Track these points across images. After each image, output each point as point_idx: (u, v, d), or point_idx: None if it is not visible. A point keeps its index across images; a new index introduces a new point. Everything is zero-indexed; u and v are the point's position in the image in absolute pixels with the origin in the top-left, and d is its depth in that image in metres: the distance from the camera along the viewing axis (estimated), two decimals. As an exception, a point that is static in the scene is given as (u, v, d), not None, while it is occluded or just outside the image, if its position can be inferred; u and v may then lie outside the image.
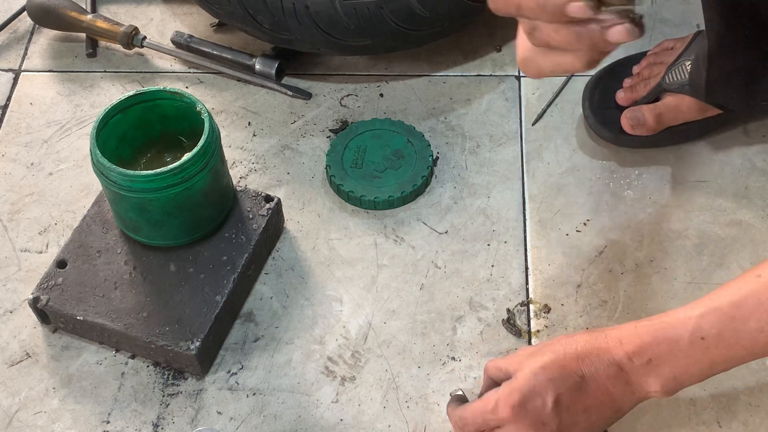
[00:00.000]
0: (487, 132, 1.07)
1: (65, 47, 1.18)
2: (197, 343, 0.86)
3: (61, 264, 0.91)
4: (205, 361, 0.89)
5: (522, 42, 0.68)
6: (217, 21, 1.18)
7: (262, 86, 1.13)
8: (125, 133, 0.91)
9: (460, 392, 0.82)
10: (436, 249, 0.98)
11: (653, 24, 1.17)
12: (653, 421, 0.85)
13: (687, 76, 0.99)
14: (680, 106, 1.01)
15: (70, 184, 1.04)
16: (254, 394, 0.88)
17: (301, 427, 0.86)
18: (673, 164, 1.04)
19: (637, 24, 0.61)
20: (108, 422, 0.87)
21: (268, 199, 0.96)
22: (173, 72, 1.15)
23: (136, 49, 1.16)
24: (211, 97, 1.12)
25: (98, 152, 0.85)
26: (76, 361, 0.90)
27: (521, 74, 1.13)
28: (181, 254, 0.91)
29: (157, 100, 0.91)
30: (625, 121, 1.02)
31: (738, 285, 0.69)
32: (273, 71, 1.11)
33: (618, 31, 0.61)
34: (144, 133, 0.92)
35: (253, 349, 0.91)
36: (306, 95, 1.12)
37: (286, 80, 1.13)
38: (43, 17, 1.16)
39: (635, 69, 1.06)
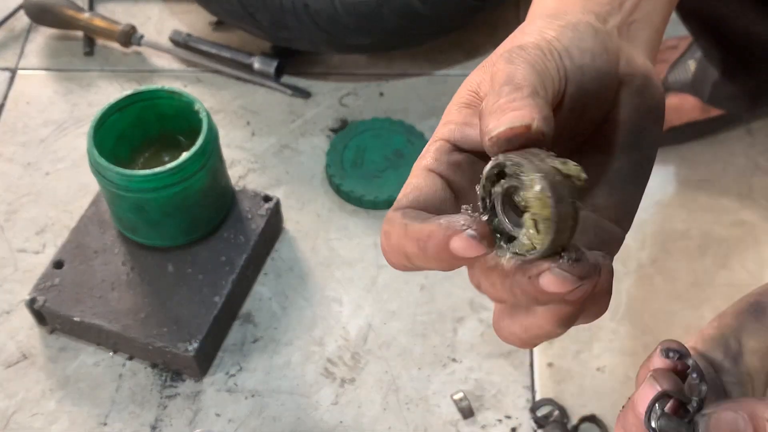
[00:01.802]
0: (488, 131, 1.07)
1: (62, 46, 1.17)
2: (195, 345, 0.85)
3: (58, 264, 0.90)
4: (204, 362, 0.88)
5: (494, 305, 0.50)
6: (215, 19, 1.17)
7: (261, 85, 1.12)
8: (123, 133, 0.90)
9: None
10: (437, 249, 0.97)
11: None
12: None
13: (690, 75, 0.98)
14: (683, 106, 1.00)
15: (68, 184, 1.03)
16: (253, 396, 0.87)
17: (300, 429, 0.85)
18: (676, 164, 1.03)
19: (577, 262, 0.39)
20: (105, 424, 0.86)
21: (267, 199, 0.95)
22: (171, 71, 1.14)
23: (134, 48, 1.15)
24: (210, 96, 1.11)
25: (95, 152, 0.84)
26: (74, 363, 0.90)
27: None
28: (180, 255, 0.91)
29: (155, 99, 0.90)
30: None
31: None
32: (272, 70, 1.11)
33: (550, 281, 0.39)
34: (142, 133, 0.92)
35: (251, 351, 0.90)
36: (305, 94, 1.11)
37: (285, 79, 1.13)
38: (40, 15, 1.15)
39: (637, 68, 1.05)
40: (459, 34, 1.14)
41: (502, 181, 0.40)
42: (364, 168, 1.02)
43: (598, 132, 0.46)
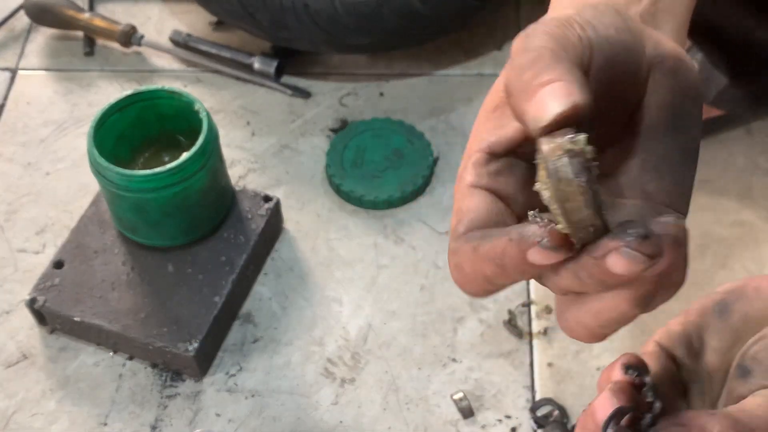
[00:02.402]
0: (488, 131, 1.07)
1: (62, 46, 1.17)
2: (195, 345, 0.85)
3: (58, 264, 0.90)
4: (204, 362, 0.88)
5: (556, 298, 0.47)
6: (215, 19, 1.17)
7: (261, 85, 1.12)
8: (123, 133, 0.90)
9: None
10: (437, 249, 0.97)
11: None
12: (656, 423, 0.85)
13: None
14: None
15: (68, 184, 1.03)
16: (253, 396, 0.87)
17: (300, 429, 0.85)
18: (676, 164, 1.03)
19: (644, 239, 0.38)
20: (105, 424, 0.86)
21: (267, 199, 0.95)
22: (171, 71, 1.14)
23: (134, 48, 1.15)
24: (210, 96, 1.11)
25: (95, 152, 0.84)
26: (74, 363, 0.90)
27: None
28: (180, 255, 0.91)
29: (155, 99, 0.90)
30: None
31: None
32: (272, 70, 1.11)
33: (617, 262, 0.38)
34: (142, 133, 0.92)
35: (251, 351, 0.90)
36: (305, 94, 1.11)
37: (285, 79, 1.13)
38: (40, 15, 1.15)
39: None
40: (459, 34, 1.13)
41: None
42: (364, 168, 1.02)
43: (633, 118, 0.44)
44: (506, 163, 0.43)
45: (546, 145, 0.37)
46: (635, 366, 0.43)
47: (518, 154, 0.44)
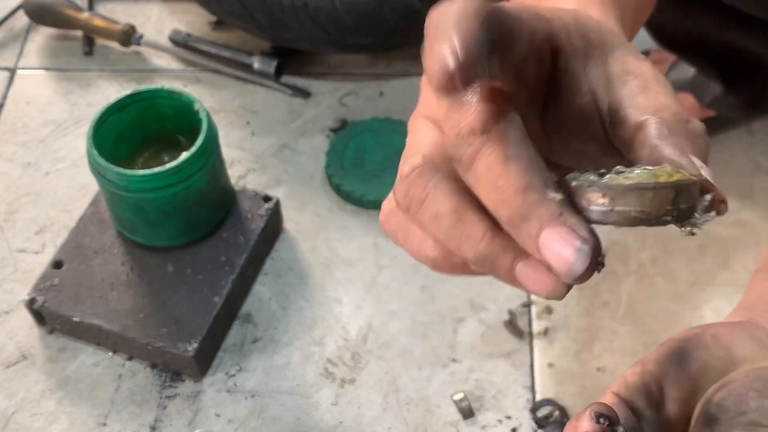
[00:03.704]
0: (488, 131, 1.07)
1: (62, 45, 1.17)
2: (195, 345, 0.85)
3: (57, 264, 0.90)
4: (203, 362, 0.88)
5: None
6: (215, 19, 1.17)
7: (261, 85, 1.12)
8: (122, 133, 0.90)
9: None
10: (437, 249, 0.97)
11: (655, 22, 1.17)
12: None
13: (690, 75, 0.99)
14: (682, 106, 1.00)
15: (67, 184, 1.03)
16: (253, 396, 0.87)
17: (300, 429, 0.85)
18: (676, 164, 1.03)
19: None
20: (105, 425, 0.86)
21: (267, 199, 0.95)
22: (171, 70, 1.14)
23: (134, 48, 1.15)
24: (210, 96, 1.11)
25: (95, 152, 0.84)
26: (73, 363, 0.90)
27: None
28: (179, 255, 0.91)
29: (154, 99, 0.90)
30: None
31: None
32: (272, 70, 1.11)
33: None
34: (141, 133, 0.92)
35: (251, 351, 0.90)
36: (305, 94, 1.11)
37: (285, 79, 1.12)
38: (40, 15, 1.15)
39: (638, 67, 1.05)
40: (459, 33, 1.13)
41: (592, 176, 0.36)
42: (364, 168, 1.02)
43: (555, 83, 0.40)
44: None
45: None
46: (606, 415, 0.42)
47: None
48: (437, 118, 0.40)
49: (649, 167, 0.36)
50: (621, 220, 0.35)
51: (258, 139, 1.07)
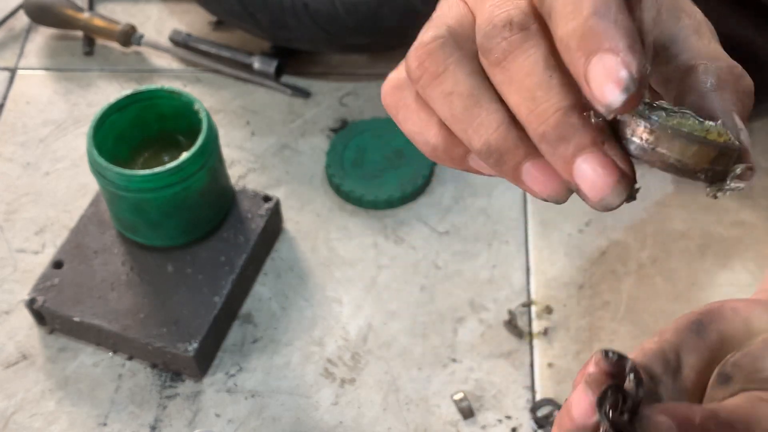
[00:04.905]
0: (488, 131, 1.07)
1: (62, 45, 1.17)
2: (195, 345, 0.85)
3: (57, 265, 0.90)
4: (203, 362, 0.88)
5: None
6: (215, 19, 1.17)
7: (261, 85, 1.12)
8: (122, 133, 0.90)
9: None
10: (437, 249, 0.97)
11: (655, 22, 1.17)
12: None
13: None
14: None
15: (67, 184, 1.03)
16: (253, 396, 0.87)
17: (299, 429, 0.85)
18: (676, 164, 1.03)
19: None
20: (105, 425, 0.86)
21: (267, 199, 0.95)
22: (171, 70, 1.14)
23: (134, 48, 1.15)
24: (209, 96, 1.11)
25: (95, 151, 0.84)
26: (73, 363, 0.90)
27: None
28: (179, 255, 0.91)
29: (154, 99, 0.90)
30: None
31: None
32: (272, 70, 1.11)
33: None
34: (141, 133, 0.92)
35: (251, 351, 0.90)
36: (305, 94, 1.11)
37: (285, 79, 1.12)
38: (40, 15, 1.15)
39: (638, 68, 1.05)
40: (459, 33, 1.13)
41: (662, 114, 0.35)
42: (364, 168, 1.02)
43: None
44: None
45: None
46: (615, 351, 0.42)
47: None
48: None
49: (701, 119, 0.36)
50: (657, 162, 0.35)
51: (258, 139, 1.07)
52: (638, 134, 0.34)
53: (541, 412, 0.85)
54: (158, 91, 0.90)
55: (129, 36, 1.13)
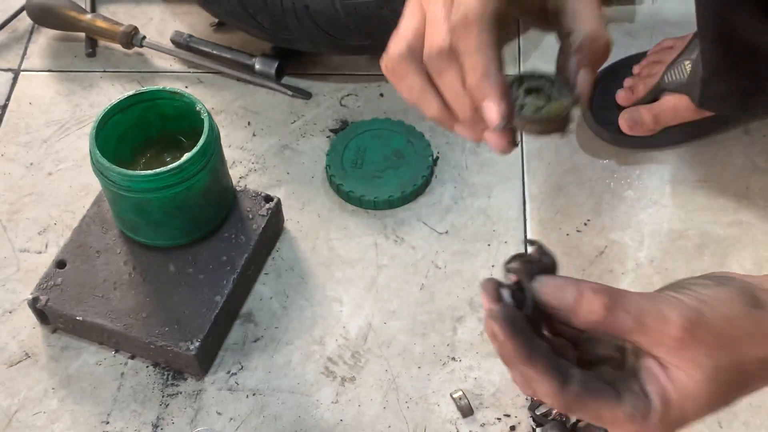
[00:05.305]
0: (488, 132, 1.07)
1: (64, 47, 1.17)
2: (197, 344, 0.86)
3: (60, 264, 0.91)
4: (205, 361, 0.88)
5: None
6: (216, 20, 1.17)
7: (262, 86, 1.12)
8: (125, 133, 0.91)
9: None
10: (437, 249, 0.97)
11: (654, 23, 1.17)
12: (654, 421, 0.85)
13: (686, 75, 0.99)
14: (678, 106, 1.00)
15: (70, 184, 1.04)
16: (254, 395, 0.88)
17: (300, 427, 0.86)
18: (674, 164, 1.03)
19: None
20: (107, 423, 0.86)
21: (268, 199, 0.95)
22: (173, 72, 1.15)
23: (136, 49, 1.15)
24: (211, 97, 1.12)
25: (97, 152, 0.85)
26: (76, 362, 0.90)
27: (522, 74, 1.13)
28: (181, 254, 0.91)
29: (156, 99, 0.91)
30: (623, 121, 1.02)
31: None
32: (273, 71, 1.11)
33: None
34: (143, 133, 0.92)
35: (252, 350, 0.91)
36: (306, 95, 1.11)
37: (285, 80, 1.13)
38: (43, 17, 1.16)
39: (635, 69, 1.06)
40: (459, 35, 1.14)
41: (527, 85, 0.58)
42: (364, 168, 1.02)
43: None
44: None
45: None
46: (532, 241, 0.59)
47: None
48: (426, 4, 0.58)
49: (554, 91, 0.57)
50: (529, 133, 0.58)
51: (259, 139, 1.07)
52: (514, 123, 0.57)
53: (540, 411, 0.86)
54: (160, 92, 0.90)
55: (131, 37, 1.14)
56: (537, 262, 0.53)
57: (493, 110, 0.55)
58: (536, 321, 0.52)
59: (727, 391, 0.50)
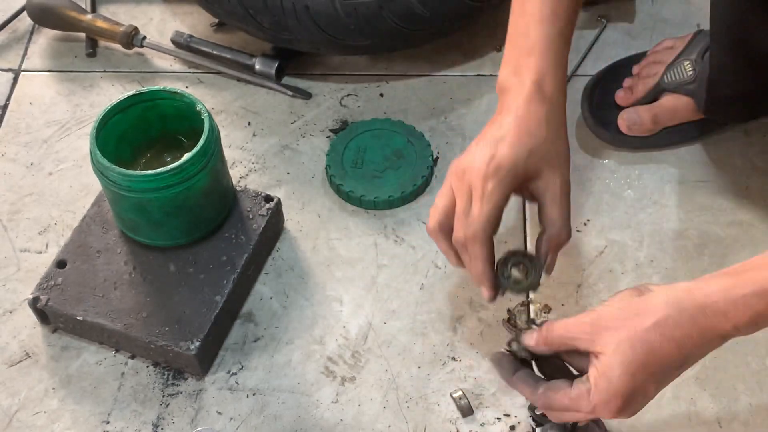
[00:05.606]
0: (488, 132, 1.07)
1: (65, 47, 1.17)
2: (197, 343, 0.86)
3: (60, 264, 0.91)
4: (205, 361, 0.88)
5: None
6: (217, 21, 1.17)
7: (262, 86, 1.12)
8: (125, 133, 0.91)
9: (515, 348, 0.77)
10: (436, 249, 0.97)
11: (654, 23, 1.17)
12: (653, 421, 0.85)
13: (685, 75, 0.99)
14: (677, 107, 1.00)
15: (70, 184, 1.04)
16: (254, 395, 0.88)
17: (300, 427, 0.86)
18: (674, 164, 1.04)
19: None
20: (108, 422, 0.86)
21: (268, 199, 0.96)
22: (173, 72, 1.15)
23: (136, 49, 1.16)
24: (211, 97, 1.12)
25: (98, 152, 0.85)
26: (76, 362, 0.90)
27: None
28: (181, 254, 0.91)
29: (156, 99, 0.91)
30: (622, 121, 1.02)
31: None
32: (273, 71, 1.11)
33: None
34: (144, 133, 0.92)
35: (252, 350, 0.91)
36: (306, 95, 1.12)
37: (286, 80, 1.13)
38: (43, 17, 1.16)
39: (635, 69, 1.06)
40: (458, 35, 1.14)
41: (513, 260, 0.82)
42: (364, 168, 1.02)
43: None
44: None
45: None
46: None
47: None
48: (456, 190, 0.81)
49: (527, 272, 0.82)
50: (510, 291, 0.83)
51: (259, 139, 1.08)
52: (501, 288, 0.82)
53: (540, 410, 0.86)
54: (160, 92, 0.90)
55: (131, 38, 1.14)
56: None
57: (485, 293, 0.81)
58: (531, 358, 0.76)
59: (634, 358, 0.66)
